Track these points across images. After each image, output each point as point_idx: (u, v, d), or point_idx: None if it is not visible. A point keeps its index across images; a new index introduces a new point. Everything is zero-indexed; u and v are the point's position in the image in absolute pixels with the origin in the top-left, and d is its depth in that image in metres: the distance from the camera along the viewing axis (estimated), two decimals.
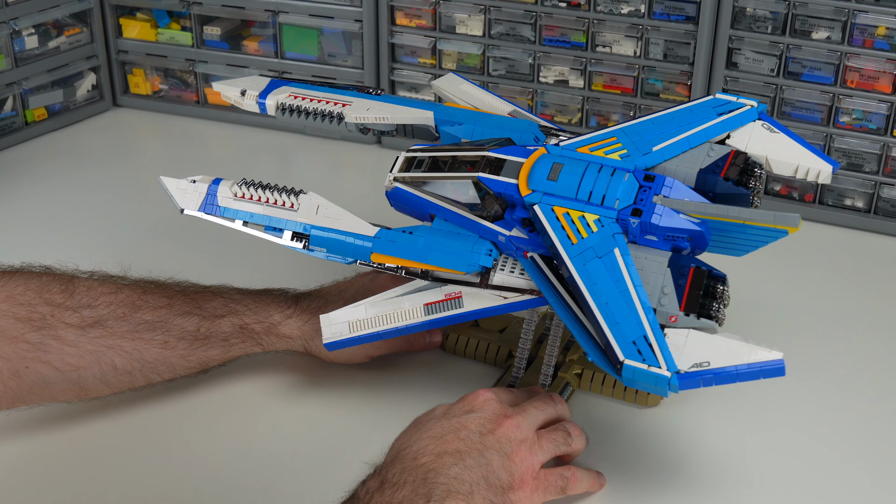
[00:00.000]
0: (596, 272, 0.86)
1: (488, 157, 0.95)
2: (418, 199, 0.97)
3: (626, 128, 0.96)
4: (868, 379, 1.09)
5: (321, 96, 1.08)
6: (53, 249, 1.30)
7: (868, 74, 1.29)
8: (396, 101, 1.08)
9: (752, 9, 1.31)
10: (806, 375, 1.08)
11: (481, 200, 0.94)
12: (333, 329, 0.95)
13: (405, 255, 0.95)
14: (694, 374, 0.81)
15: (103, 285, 0.98)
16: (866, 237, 1.35)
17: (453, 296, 0.94)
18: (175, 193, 1.00)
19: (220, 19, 1.58)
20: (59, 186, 1.45)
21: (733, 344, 0.82)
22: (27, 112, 1.55)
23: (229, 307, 1.01)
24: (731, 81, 1.35)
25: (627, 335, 0.82)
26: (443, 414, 0.88)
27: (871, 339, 1.15)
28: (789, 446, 0.99)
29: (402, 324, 0.94)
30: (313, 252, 0.97)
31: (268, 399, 1.04)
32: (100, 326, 0.95)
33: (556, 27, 1.41)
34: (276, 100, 1.08)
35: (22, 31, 1.50)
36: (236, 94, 1.10)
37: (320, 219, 0.97)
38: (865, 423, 1.03)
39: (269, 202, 0.99)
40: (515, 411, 0.89)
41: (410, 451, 0.83)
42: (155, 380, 0.99)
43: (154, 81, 1.65)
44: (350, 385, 1.06)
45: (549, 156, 0.94)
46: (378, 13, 1.47)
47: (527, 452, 0.86)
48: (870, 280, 1.27)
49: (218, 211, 0.99)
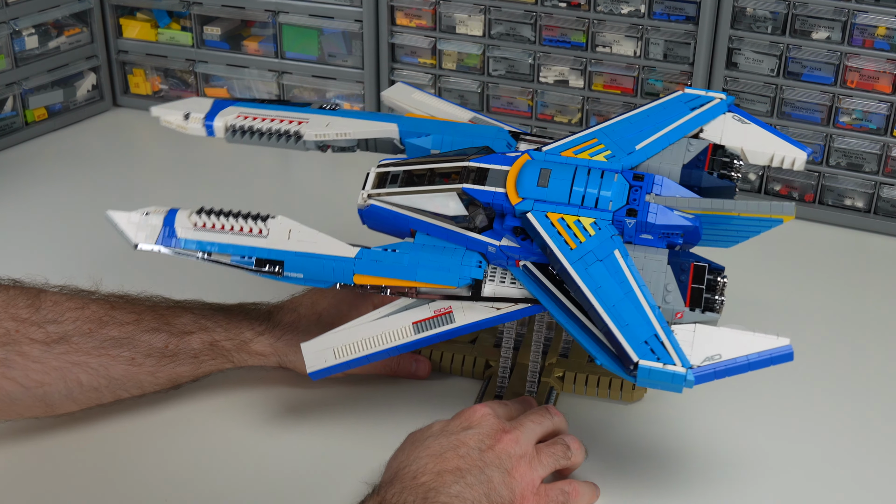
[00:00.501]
0: (599, 276, 0.85)
1: (469, 167, 0.92)
2: (397, 216, 0.94)
3: (604, 128, 0.96)
4: (868, 379, 1.09)
5: (273, 115, 1.02)
6: (53, 249, 1.30)
7: (868, 74, 1.29)
8: (356, 115, 1.04)
9: (752, 9, 1.31)
10: (805, 375, 1.08)
11: (467, 211, 0.91)
12: (317, 357, 0.91)
13: (390, 274, 0.91)
14: (707, 367, 0.82)
15: (70, 300, 0.96)
16: (866, 237, 1.35)
17: (443, 311, 0.91)
18: (126, 228, 0.95)
19: (220, 19, 1.58)
20: (59, 186, 1.45)
21: (741, 335, 0.83)
22: (27, 112, 1.55)
23: (199, 323, 0.99)
24: (731, 81, 1.35)
25: (639, 336, 0.82)
26: (440, 431, 0.86)
27: (871, 339, 1.15)
28: (788, 444, 1.00)
29: (390, 345, 0.91)
30: (289, 279, 0.92)
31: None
32: (65, 342, 0.93)
33: (556, 27, 1.41)
34: (225, 121, 1.02)
35: (22, 31, 1.50)
36: (178, 119, 1.03)
37: (294, 243, 0.93)
38: (865, 424, 1.03)
39: (234, 230, 0.93)
40: (513, 426, 0.88)
41: (409, 469, 0.82)
42: (123, 396, 0.97)
43: (154, 81, 1.65)
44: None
45: (534, 162, 0.92)
46: (378, 13, 1.47)
47: (526, 468, 0.85)
48: (870, 280, 1.27)
49: (177, 243, 0.93)
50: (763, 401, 1.04)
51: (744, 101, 1.36)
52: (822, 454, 0.99)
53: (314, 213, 1.06)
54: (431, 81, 1.49)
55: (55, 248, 1.30)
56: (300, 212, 1.00)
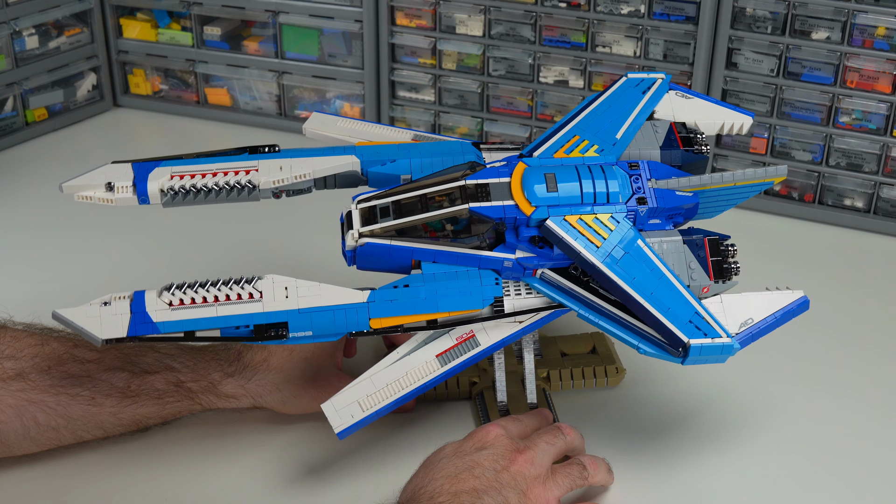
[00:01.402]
0: (630, 268, 0.86)
1: (467, 185, 0.89)
2: (397, 249, 0.88)
3: (579, 124, 0.97)
4: (868, 379, 1.09)
5: (211, 168, 0.92)
6: (52, 250, 1.30)
7: (868, 74, 1.29)
8: (306, 153, 0.95)
9: (752, 9, 1.31)
10: (805, 375, 1.08)
11: (471, 230, 0.89)
12: (342, 415, 0.84)
13: (409, 311, 0.86)
14: (745, 332, 0.87)
15: (31, 336, 0.93)
16: (866, 237, 1.35)
17: (465, 337, 0.88)
18: (85, 325, 0.82)
19: (221, 19, 1.59)
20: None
21: (762, 296, 0.88)
22: (27, 112, 1.55)
23: (164, 363, 0.95)
24: (731, 81, 1.35)
25: (682, 317, 0.84)
26: (454, 452, 0.86)
27: (871, 339, 1.15)
28: (788, 444, 1.00)
29: (418, 383, 0.86)
30: (296, 340, 0.85)
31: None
32: (21, 379, 0.90)
33: (556, 27, 1.41)
34: (160, 184, 0.90)
35: (22, 31, 1.50)
36: (100, 191, 0.90)
37: (294, 300, 0.85)
38: (864, 424, 1.02)
39: (219, 300, 0.84)
40: (527, 445, 0.87)
41: (426, 491, 0.82)
42: (85, 437, 0.94)
43: (154, 81, 1.65)
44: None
45: (533, 169, 0.91)
46: (378, 13, 1.47)
47: (541, 488, 0.85)
48: (870, 280, 1.27)
49: (154, 329, 0.82)
50: (762, 397, 1.04)
51: (744, 101, 1.36)
52: (819, 455, 0.99)
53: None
54: (431, 81, 1.49)
55: (54, 250, 1.30)
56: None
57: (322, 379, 0.98)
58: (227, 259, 1.26)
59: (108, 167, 0.92)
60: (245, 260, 1.25)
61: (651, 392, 1.05)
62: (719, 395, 1.05)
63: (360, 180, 0.96)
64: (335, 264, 0.94)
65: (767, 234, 1.35)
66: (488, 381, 1.03)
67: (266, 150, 0.94)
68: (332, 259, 0.96)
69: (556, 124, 0.98)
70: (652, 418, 1.02)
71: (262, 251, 1.28)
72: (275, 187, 0.92)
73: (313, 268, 1.01)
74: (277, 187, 0.92)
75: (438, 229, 0.90)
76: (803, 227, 1.37)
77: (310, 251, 1.01)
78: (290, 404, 0.98)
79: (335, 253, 0.92)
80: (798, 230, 1.36)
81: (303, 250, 1.24)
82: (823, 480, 0.96)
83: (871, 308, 1.21)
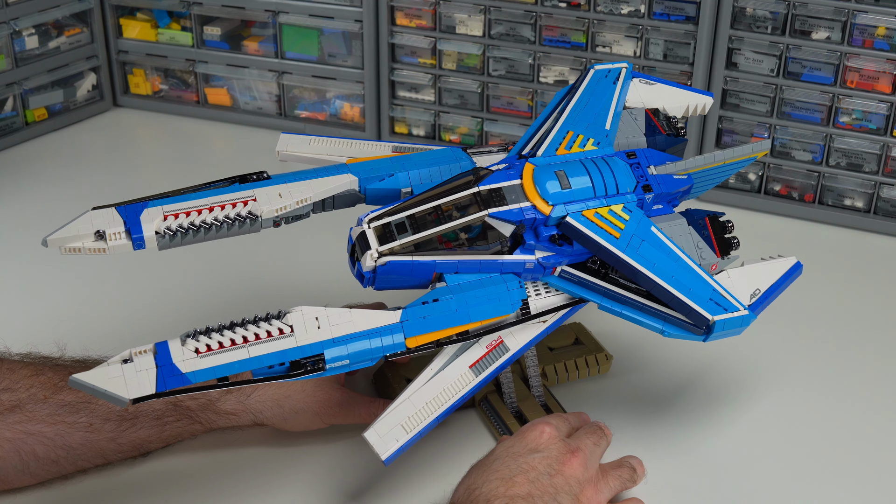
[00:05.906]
0: (649, 254, 0.88)
1: (480, 191, 0.89)
2: (420, 265, 0.87)
3: (568, 119, 0.97)
4: (867, 379, 1.08)
5: (205, 204, 0.87)
6: (51, 251, 1.30)
7: (868, 74, 1.29)
8: (300, 176, 0.92)
9: (752, 9, 1.31)
10: (805, 375, 1.08)
11: (487, 237, 0.89)
12: (387, 441, 0.82)
13: (443, 326, 0.85)
14: (756, 302, 0.91)
15: (26, 367, 0.91)
16: (866, 237, 1.35)
17: (495, 344, 0.87)
18: (109, 387, 0.75)
19: (221, 19, 1.59)
20: (60, 186, 1.45)
21: (762, 266, 0.93)
22: (27, 112, 1.55)
23: None
24: (731, 81, 1.35)
25: (702, 296, 0.87)
26: (505, 453, 0.85)
27: (871, 339, 1.15)
28: (788, 447, 1.00)
29: (457, 396, 0.85)
30: (333, 370, 0.82)
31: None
32: (18, 411, 0.88)
33: (556, 27, 1.41)
34: (154, 227, 0.85)
35: (22, 31, 1.50)
36: (89, 241, 0.84)
37: (328, 330, 0.82)
38: (864, 424, 1.03)
39: (249, 341, 0.79)
40: (577, 447, 0.87)
41: (481, 493, 0.81)
42: (86, 466, 0.92)
43: (154, 81, 1.65)
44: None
45: (542, 168, 0.91)
46: (378, 13, 1.47)
47: (593, 492, 0.85)
48: (870, 280, 1.27)
49: (185, 381, 0.77)
50: (762, 393, 1.05)
51: (744, 101, 1.36)
52: (826, 459, 0.99)
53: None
54: (431, 81, 1.49)
55: (53, 250, 1.30)
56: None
57: (323, 393, 0.96)
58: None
59: (91, 214, 0.85)
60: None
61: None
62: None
63: (358, 199, 0.94)
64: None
65: (767, 234, 1.35)
66: (489, 386, 1.03)
67: (255, 178, 0.90)
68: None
69: (537, 121, 0.99)
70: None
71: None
72: (277, 216, 0.88)
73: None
74: (279, 215, 0.89)
75: (453, 239, 0.89)
76: (803, 227, 1.37)
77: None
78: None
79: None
80: (798, 230, 1.36)
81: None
82: (814, 469, 0.96)
83: (871, 308, 1.20)
